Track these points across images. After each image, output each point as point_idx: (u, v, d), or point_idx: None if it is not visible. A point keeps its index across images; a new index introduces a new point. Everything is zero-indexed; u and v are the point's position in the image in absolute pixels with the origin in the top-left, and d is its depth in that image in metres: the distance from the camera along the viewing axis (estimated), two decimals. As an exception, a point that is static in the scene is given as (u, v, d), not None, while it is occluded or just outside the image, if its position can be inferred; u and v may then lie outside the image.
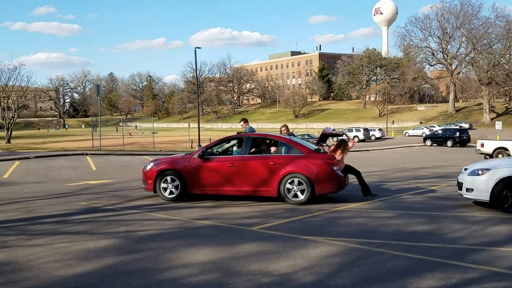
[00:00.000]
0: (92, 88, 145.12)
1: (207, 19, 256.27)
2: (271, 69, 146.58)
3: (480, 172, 8.73)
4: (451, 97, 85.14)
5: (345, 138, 10.59)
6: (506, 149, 23.89)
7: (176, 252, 5.90)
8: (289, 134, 11.09)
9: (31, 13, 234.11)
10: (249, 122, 12.63)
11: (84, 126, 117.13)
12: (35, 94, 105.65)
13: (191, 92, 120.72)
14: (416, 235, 6.71)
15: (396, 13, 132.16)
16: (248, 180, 9.58)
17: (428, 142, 42.16)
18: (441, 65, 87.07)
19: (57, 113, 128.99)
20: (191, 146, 39.07)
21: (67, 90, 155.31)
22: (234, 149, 10.55)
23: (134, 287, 4.66)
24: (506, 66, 76.60)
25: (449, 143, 40.11)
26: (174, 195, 10.00)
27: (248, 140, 10.03)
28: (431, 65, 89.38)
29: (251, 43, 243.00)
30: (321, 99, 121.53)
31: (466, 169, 9.24)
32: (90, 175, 17.49)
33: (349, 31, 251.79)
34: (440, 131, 45.11)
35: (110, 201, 10.39)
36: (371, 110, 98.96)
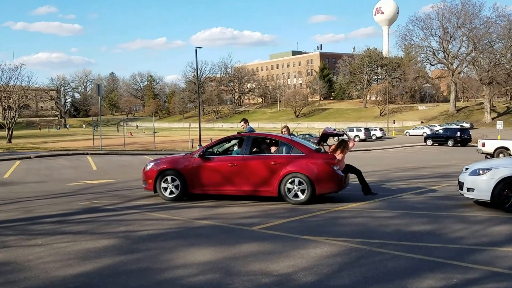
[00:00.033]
0: (93, 88, 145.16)
1: (208, 19, 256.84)
2: (272, 69, 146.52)
3: (481, 172, 8.70)
4: (452, 97, 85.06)
5: (346, 138, 10.59)
6: (507, 149, 23.87)
7: (176, 252, 5.89)
8: (290, 135, 11.09)
9: (32, 13, 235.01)
10: (250, 122, 12.64)
11: (85, 126, 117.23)
12: (36, 94, 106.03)
13: (192, 92, 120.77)
14: (417, 235, 6.69)
15: (397, 13, 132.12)
16: (249, 180, 9.56)
17: (429, 142, 42.13)
18: (442, 65, 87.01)
19: (58, 113, 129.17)
20: (192, 146, 39.06)
21: (68, 90, 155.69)
22: (235, 149, 10.54)
23: None
24: (507, 66, 76.48)
25: (450, 143, 40.07)
26: (175, 195, 9.99)
27: (249, 140, 10.01)
28: (432, 65, 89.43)
29: (252, 43, 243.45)
30: (322, 99, 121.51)
31: (467, 169, 9.21)
32: (91, 175, 17.50)
33: (350, 31, 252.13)
34: (441, 131, 45.08)
35: (111, 201, 10.39)
36: (372, 110, 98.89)
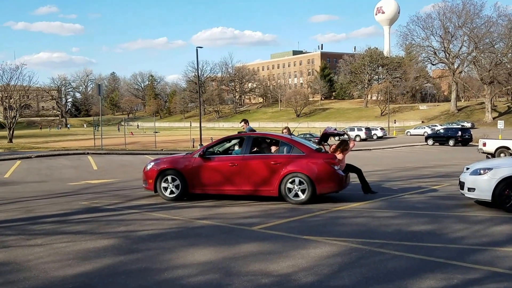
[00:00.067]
0: (94, 88, 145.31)
1: (208, 19, 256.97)
2: (273, 69, 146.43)
3: (482, 172, 8.68)
4: (453, 96, 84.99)
5: (346, 138, 10.57)
6: (508, 148, 23.84)
7: (176, 252, 5.87)
8: (290, 135, 11.07)
9: (33, 13, 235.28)
10: (251, 122, 12.65)
11: (86, 126, 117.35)
12: (37, 94, 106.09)
13: (193, 92, 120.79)
14: (418, 235, 6.67)
15: (398, 12, 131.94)
16: (249, 180, 9.54)
17: (430, 141, 42.07)
18: (443, 64, 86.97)
19: (59, 113, 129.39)
20: (193, 145, 39.03)
21: (69, 90, 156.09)
22: (236, 149, 10.52)
23: (133, 288, 4.64)
24: (508, 65, 76.45)
25: (451, 142, 40.02)
26: (175, 195, 9.97)
27: (249, 140, 9.99)
28: (433, 64, 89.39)
29: (253, 43, 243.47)
30: (323, 99, 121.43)
31: (468, 169, 9.18)
32: (91, 175, 17.49)
33: (351, 30, 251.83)
34: (442, 130, 45.05)
35: (111, 201, 10.38)
36: (373, 109, 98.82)
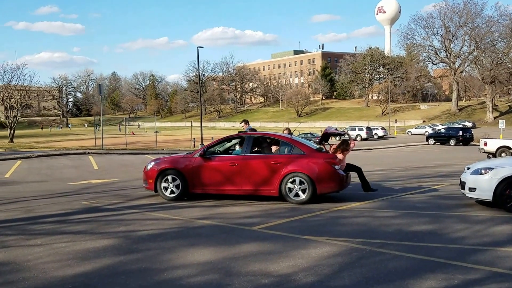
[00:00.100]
0: (95, 88, 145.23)
1: (209, 19, 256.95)
2: (274, 68, 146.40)
3: (483, 171, 8.65)
4: (454, 96, 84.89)
5: (347, 138, 10.56)
6: (510, 148, 23.81)
7: (176, 252, 5.86)
8: (290, 135, 11.06)
9: (34, 13, 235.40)
10: (252, 121, 12.69)
11: (87, 125, 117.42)
12: (38, 94, 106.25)
13: (194, 91, 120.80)
14: (418, 235, 6.65)
15: (399, 12, 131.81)
16: (249, 180, 9.53)
17: (431, 141, 42.06)
18: (444, 64, 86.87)
19: (60, 112, 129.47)
20: (194, 145, 39.01)
21: (70, 90, 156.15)
22: (236, 148, 10.51)
23: (133, 288, 4.63)
24: (509, 65, 76.32)
25: (452, 142, 39.99)
26: (175, 195, 9.96)
27: (250, 139, 9.97)
28: (434, 64, 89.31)
29: (254, 42, 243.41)
30: (324, 98, 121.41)
31: (469, 168, 9.16)
32: (92, 174, 17.49)
33: (352, 30, 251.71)
34: (443, 130, 45.03)
35: (111, 201, 10.37)
36: (374, 109, 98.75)
